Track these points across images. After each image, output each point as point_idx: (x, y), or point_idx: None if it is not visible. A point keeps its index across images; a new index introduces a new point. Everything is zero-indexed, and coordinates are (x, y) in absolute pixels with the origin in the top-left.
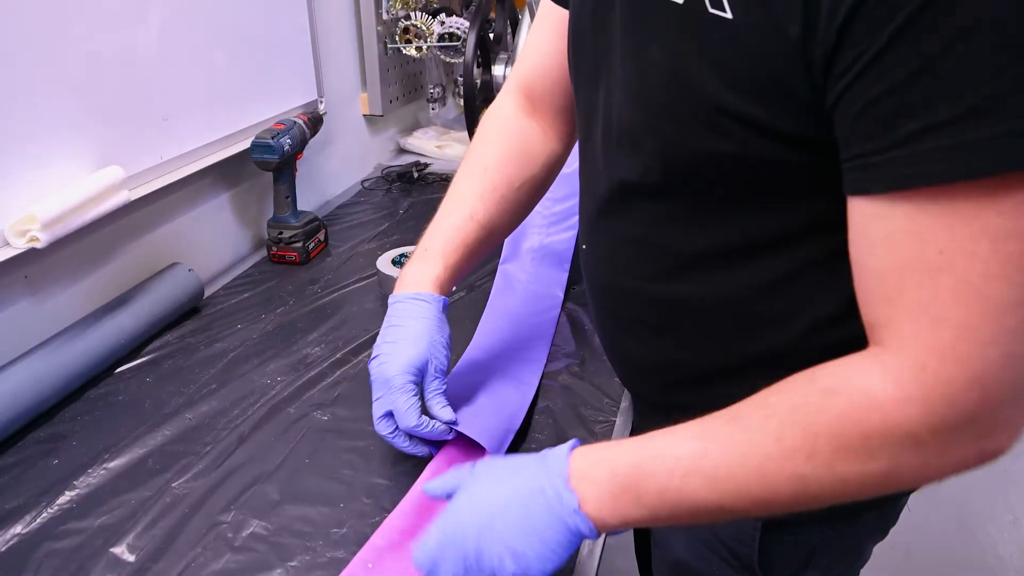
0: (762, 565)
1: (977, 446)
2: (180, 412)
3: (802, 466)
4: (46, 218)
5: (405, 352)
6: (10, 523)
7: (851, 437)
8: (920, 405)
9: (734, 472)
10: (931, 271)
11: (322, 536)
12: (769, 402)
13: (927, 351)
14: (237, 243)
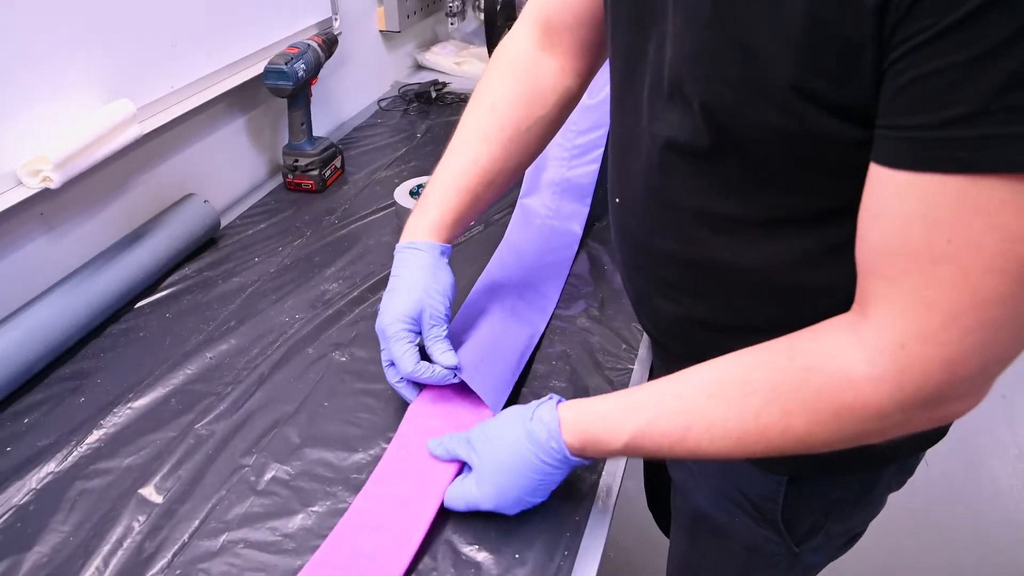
0: (784, 518)
1: (933, 415)
2: (200, 350)
3: (776, 439)
4: (58, 158)
5: (399, 301)
6: (44, 460)
7: (824, 414)
8: (892, 384)
9: (716, 445)
10: (935, 259)
11: (342, 482)
12: (749, 379)
13: (911, 333)
14: (252, 171)
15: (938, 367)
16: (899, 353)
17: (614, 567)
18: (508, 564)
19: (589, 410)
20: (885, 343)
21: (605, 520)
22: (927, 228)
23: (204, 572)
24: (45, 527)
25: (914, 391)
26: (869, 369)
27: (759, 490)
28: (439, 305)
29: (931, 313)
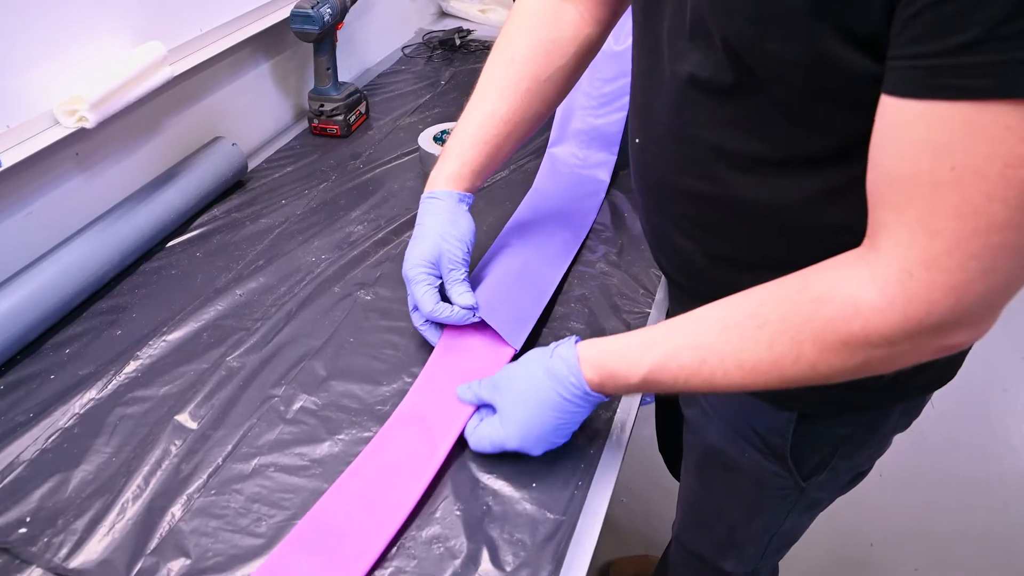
0: (793, 454)
1: (938, 344)
2: (230, 288)
3: (788, 368)
4: (93, 99)
5: (419, 248)
6: (85, 388)
7: (833, 342)
8: (899, 312)
9: (730, 375)
10: (939, 186)
11: (367, 412)
12: (762, 312)
13: (916, 261)
14: (278, 115)
15: (943, 294)
16: (906, 281)
17: (626, 510)
18: (524, 492)
19: (607, 347)
20: (892, 271)
21: (619, 454)
22: (932, 156)
23: (237, 492)
24: (89, 448)
25: (921, 319)
26: (877, 298)
27: (770, 426)
28: (456, 250)
29: (935, 240)
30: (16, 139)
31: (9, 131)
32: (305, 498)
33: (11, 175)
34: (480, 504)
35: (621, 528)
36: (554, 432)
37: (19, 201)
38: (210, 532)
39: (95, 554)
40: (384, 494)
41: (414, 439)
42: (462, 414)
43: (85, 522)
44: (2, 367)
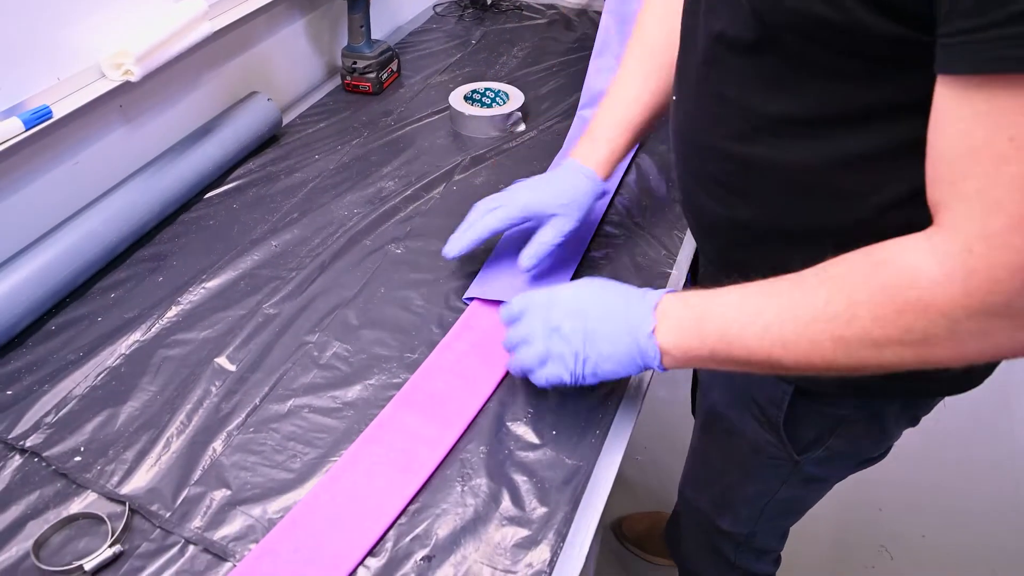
0: (787, 427)
1: (1013, 336)
2: (266, 238)
3: (842, 329)
4: (139, 52)
5: (540, 195)
6: (130, 330)
7: (887, 308)
8: (960, 287)
9: (784, 327)
10: (997, 158)
11: (396, 360)
12: (827, 268)
13: (976, 235)
14: (312, 71)
15: (1007, 273)
16: (967, 257)
17: (640, 468)
18: (545, 438)
19: (684, 324)
20: (955, 247)
21: (635, 406)
22: (989, 129)
23: (274, 431)
24: (136, 386)
25: (984, 298)
26: (937, 270)
27: (768, 396)
28: (565, 226)
29: (997, 215)
30: (65, 91)
31: (59, 83)
32: (337, 438)
33: (60, 126)
34: (503, 448)
35: (635, 485)
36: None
37: (67, 151)
38: (249, 466)
39: (144, 482)
40: (387, 477)
41: (424, 418)
42: (477, 397)
43: (134, 453)
44: (53, 309)
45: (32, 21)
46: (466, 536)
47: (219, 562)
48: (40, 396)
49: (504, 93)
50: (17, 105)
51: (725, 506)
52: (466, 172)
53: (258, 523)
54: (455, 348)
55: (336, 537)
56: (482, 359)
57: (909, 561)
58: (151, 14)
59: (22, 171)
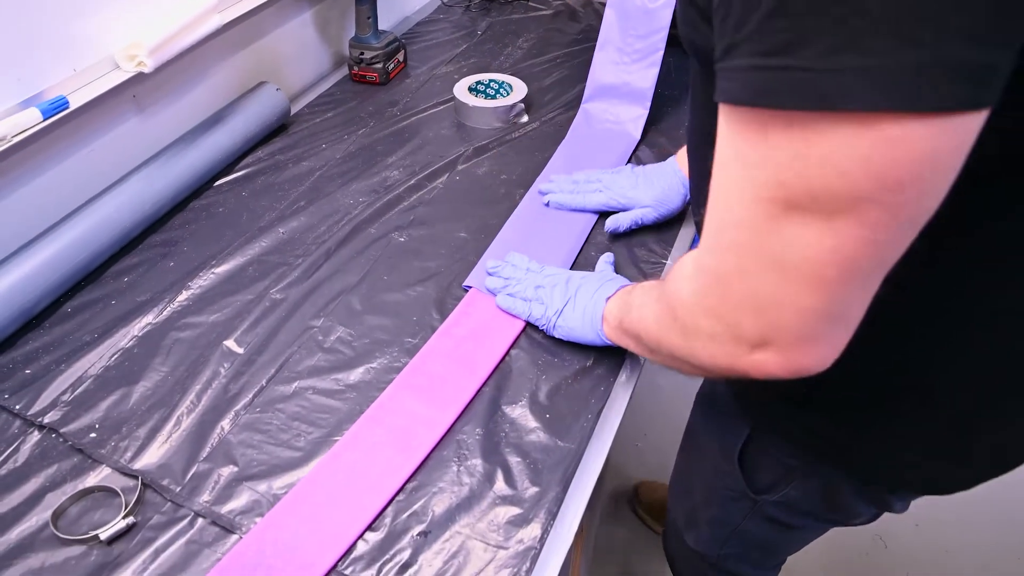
0: (742, 462)
1: (738, 348)
2: (273, 226)
3: (659, 310)
4: (152, 44)
5: (639, 190)
6: (143, 313)
7: (667, 295)
8: (692, 283)
9: (643, 311)
10: (715, 178)
11: (397, 344)
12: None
13: (702, 241)
14: (319, 61)
15: (709, 279)
16: (698, 258)
17: (639, 454)
18: (539, 422)
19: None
20: (698, 250)
21: (627, 392)
22: (717, 158)
23: (280, 411)
24: (148, 367)
25: (696, 298)
26: (688, 274)
27: (730, 426)
28: (647, 216)
29: (710, 222)
30: (81, 82)
31: (75, 74)
32: (340, 418)
33: (76, 116)
34: (499, 430)
35: (632, 472)
36: None
37: (82, 139)
38: (255, 444)
39: (156, 458)
40: (382, 461)
41: (422, 401)
42: (474, 381)
43: (146, 430)
44: (69, 292)
45: (50, 15)
46: (461, 513)
47: (226, 534)
48: (57, 375)
49: (508, 84)
50: (35, 96)
51: (692, 523)
52: (469, 162)
53: (263, 498)
54: (454, 334)
55: (337, 512)
56: (480, 345)
57: (903, 550)
58: (163, 7)
59: (40, 159)
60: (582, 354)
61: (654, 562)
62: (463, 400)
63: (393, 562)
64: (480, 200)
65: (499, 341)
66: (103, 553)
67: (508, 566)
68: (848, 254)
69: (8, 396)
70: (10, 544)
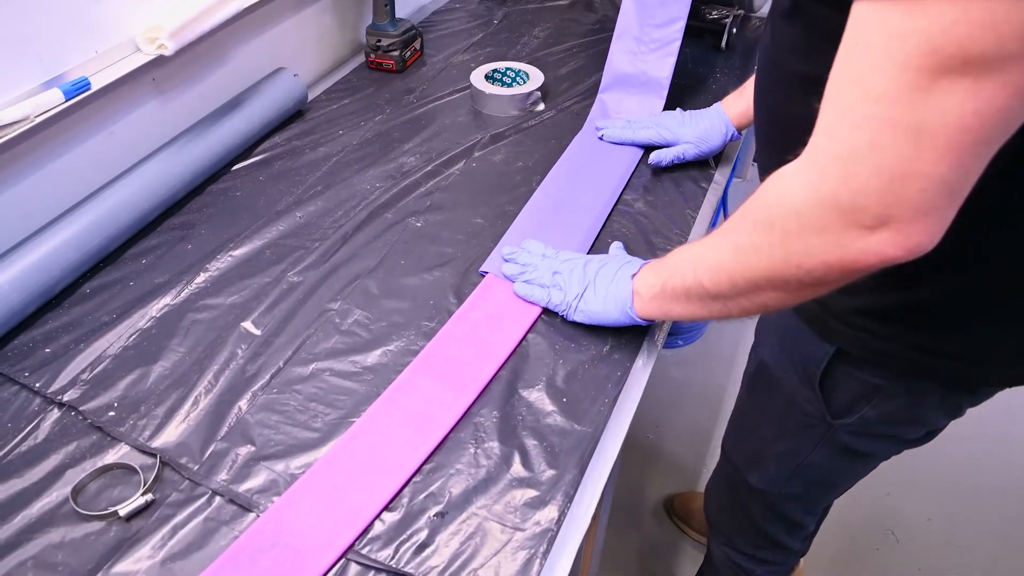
0: (824, 386)
1: (867, 241)
2: (290, 210)
3: (736, 236)
4: (172, 27)
5: (683, 128)
6: (161, 294)
7: (761, 211)
8: (801, 179)
9: (707, 253)
10: (842, 62)
11: (414, 327)
12: (727, 226)
13: (819, 131)
14: (337, 48)
15: (831, 160)
16: (811, 146)
17: (651, 445)
18: (556, 406)
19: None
20: (811, 149)
21: (643, 377)
22: (848, 42)
23: (297, 392)
24: (166, 347)
25: (816, 183)
26: (793, 169)
27: (810, 353)
28: (689, 153)
29: (833, 108)
30: (102, 64)
31: (97, 56)
32: (357, 400)
33: (97, 97)
34: (516, 413)
35: (642, 463)
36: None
37: (103, 121)
38: (272, 425)
39: (174, 437)
40: (397, 444)
41: (439, 383)
42: (491, 364)
43: (164, 410)
44: (88, 273)
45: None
46: (478, 495)
47: (244, 512)
48: (76, 354)
49: (524, 73)
50: (58, 77)
51: (756, 461)
52: (486, 149)
53: (281, 478)
54: (471, 318)
55: (354, 492)
56: (497, 329)
57: (915, 545)
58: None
59: (61, 140)
60: (599, 339)
61: (666, 555)
62: (480, 383)
63: (410, 542)
64: (497, 187)
65: (516, 325)
66: (122, 529)
67: (525, 548)
68: (987, 118)
69: (28, 374)
70: (31, 518)
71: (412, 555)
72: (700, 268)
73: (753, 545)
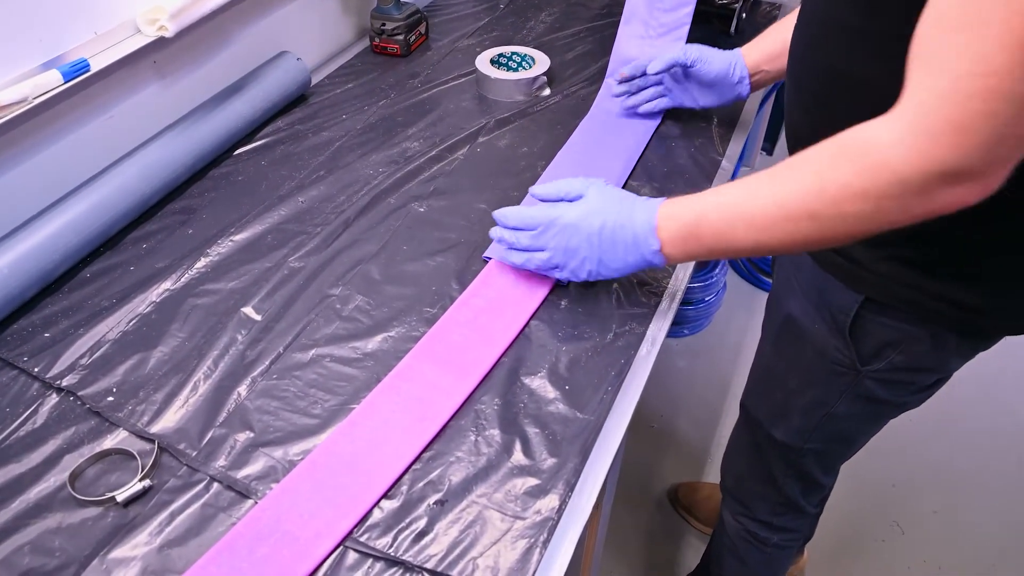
0: (853, 332)
1: (952, 192)
2: (292, 195)
3: (814, 203)
4: (173, 9)
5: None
6: (161, 279)
7: (848, 175)
8: (906, 145)
9: (767, 214)
10: (952, 29)
11: (415, 313)
12: (799, 156)
13: (927, 90)
14: (341, 32)
15: (944, 128)
16: (916, 111)
17: (656, 434)
18: (558, 393)
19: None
20: (906, 111)
21: (647, 365)
22: (956, 16)
23: (297, 378)
24: (165, 332)
25: (926, 151)
26: (888, 135)
27: (840, 302)
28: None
29: (941, 76)
30: (102, 45)
31: (96, 38)
32: (357, 386)
33: (97, 79)
34: (517, 401)
35: (647, 452)
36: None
37: (103, 105)
38: (271, 411)
39: (172, 422)
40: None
41: (441, 370)
42: (492, 351)
43: (163, 395)
44: (88, 257)
45: None
46: (478, 483)
47: (242, 499)
48: (76, 339)
49: (530, 57)
50: (57, 58)
51: (782, 414)
52: (490, 134)
53: (279, 464)
54: (473, 304)
55: (353, 479)
56: (499, 315)
57: (919, 537)
58: None
59: (61, 123)
60: (602, 327)
61: (669, 544)
62: (482, 370)
63: (409, 530)
64: (501, 172)
65: (519, 312)
66: (119, 515)
67: (525, 536)
68: None
69: (27, 359)
70: (29, 504)
71: (411, 543)
72: (763, 234)
73: (771, 511)
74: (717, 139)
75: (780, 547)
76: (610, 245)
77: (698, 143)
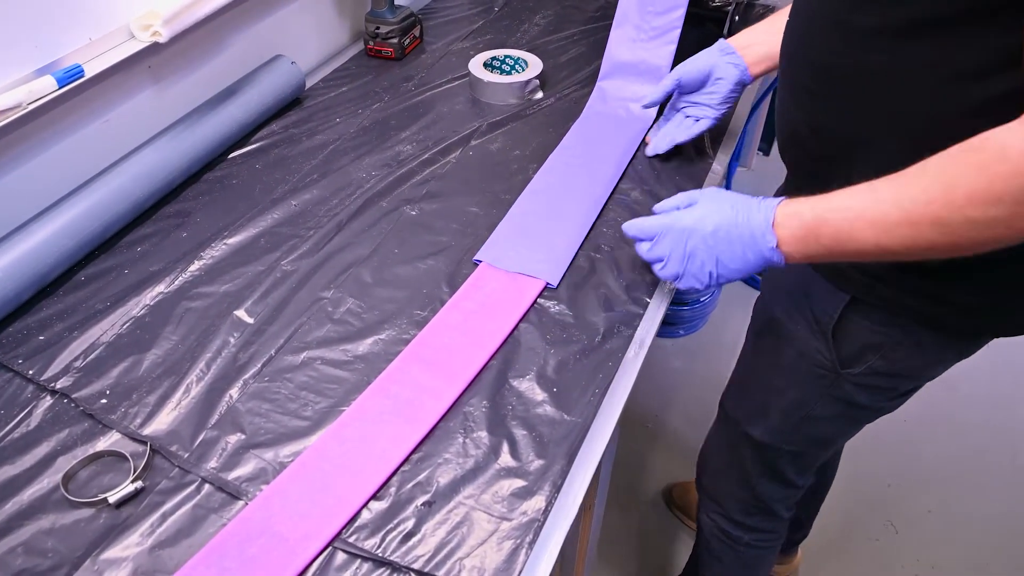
0: (835, 334)
1: None
2: (286, 198)
3: (940, 210)
4: (167, 14)
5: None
6: (155, 282)
7: (980, 184)
8: None
9: (889, 217)
10: None
11: (406, 316)
12: (925, 163)
13: None
14: (335, 36)
15: None
16: None
17: (651, 435)
18: (546, 395)
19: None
20: None
21: (635, 367)
22: None
23: (288, 380)
24: (159, 335)
25: None
26: (1022, 140)
27: (824, 304)
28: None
29: None
30: (97, 51)
31: (91, 43)
32: (347, 389)
33: (91, 85)
34: (505, 403)
35: (642, 452)
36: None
37: (98, 110)
38: (263, 413)
39: (164, 425)
40: (386, 432)
41: (430, 372)
42: (481, 354)
43: (156, 397)
44: (83, 260)
45: None
46: (465, 484)
47: (232, 500)
48: (70, 342)
49: (523, 61)
50: (51, 64)
51: (761, 413)
52: (483, 137)
53: (270, 466)
54: (463, 307)
55: (342, 481)
56: (488, 318)
57: (914, 536)
58: None
59: (55, 128)
60: (591, 330)
61: (663, 544)
62: (470, 373)
63: (397, 531)
64: (493, 175)
65: (508, 315)
66: (112, 516)
67: (511, 537)
68: None
69: (22, 361)
70: (22, 505)
71: (398, 544)
72: (884, 238)
73: (743, 510)
74: (708, 140)
75: (752, 547)
76: (727, 244)
77: (689, 145)
